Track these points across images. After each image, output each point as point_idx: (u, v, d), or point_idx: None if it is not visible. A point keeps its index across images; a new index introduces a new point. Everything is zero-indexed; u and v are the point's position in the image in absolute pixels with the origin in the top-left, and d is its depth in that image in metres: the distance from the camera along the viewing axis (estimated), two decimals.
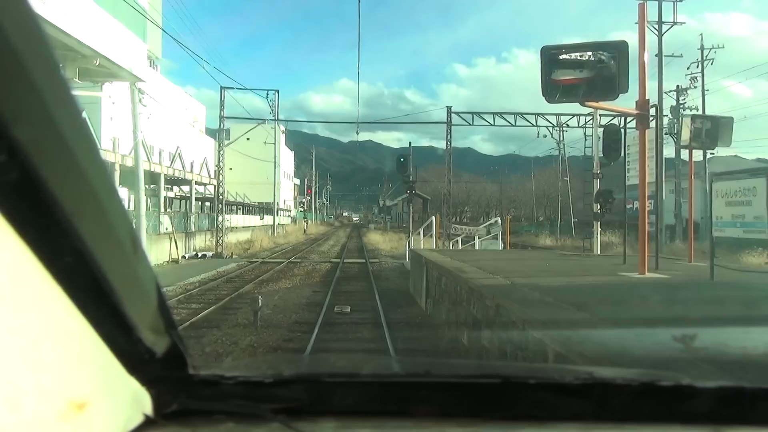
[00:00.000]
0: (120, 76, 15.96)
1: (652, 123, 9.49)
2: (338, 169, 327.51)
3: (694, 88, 30.82)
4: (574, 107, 24.87)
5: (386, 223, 73.71)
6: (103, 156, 0.74)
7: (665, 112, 27.41)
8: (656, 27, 25.78)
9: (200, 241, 26.57)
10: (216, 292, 13.57)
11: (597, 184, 15.72)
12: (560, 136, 34.93)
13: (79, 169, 0.64)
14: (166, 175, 26.74)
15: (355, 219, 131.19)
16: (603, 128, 14.12)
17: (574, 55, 6.87)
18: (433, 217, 20.89)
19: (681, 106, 30.12)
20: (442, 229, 24.31)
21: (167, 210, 27.01)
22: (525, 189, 67.51)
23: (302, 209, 77.74)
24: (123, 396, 0.81)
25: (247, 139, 34.16)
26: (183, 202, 33.98)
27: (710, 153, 23.08)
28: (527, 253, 18.98)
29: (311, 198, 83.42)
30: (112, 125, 24.18)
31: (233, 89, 25.55)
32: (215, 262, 21.44)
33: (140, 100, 17.30)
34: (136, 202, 17.79)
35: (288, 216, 67.76)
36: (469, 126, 26.88)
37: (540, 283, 7.06)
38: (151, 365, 0.85)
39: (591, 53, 6.83)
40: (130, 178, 17.97)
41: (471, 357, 6.20)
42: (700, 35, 31.49)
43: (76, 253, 0.66)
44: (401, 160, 23.07)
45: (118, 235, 0.74)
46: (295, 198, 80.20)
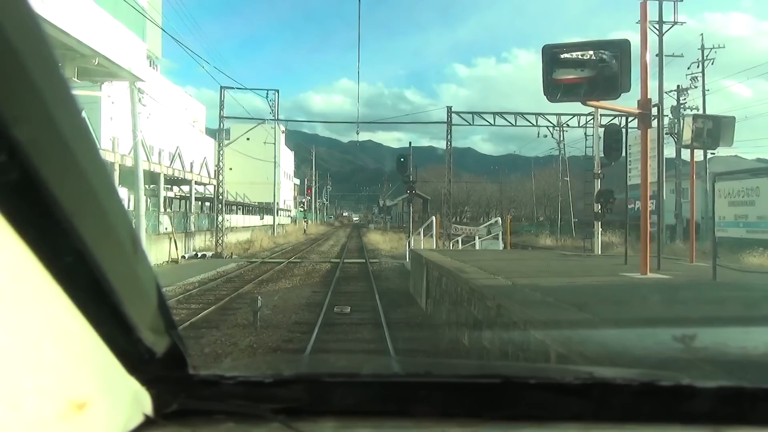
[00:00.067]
0: (119, 76, 15.97)
1: (654, 122, 9.44)
2: (338, 169, 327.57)
3: (695, 87, 30.87)
4: (574, 107, 24.87)
5: (386, 223, 73.72)
6: (102, 156, 0.74)
7: (666, 112, 27.42)
8: (657, 27, 25.77)
9: (200, 241, 26.57)
10: (215, 293, 13.55)
11: (598, 184, 15.69)
12: (560, 136, 34.99)
13: (79, 169, 0.64)
14: (165, 175, 26.74)
15: (355, 219, 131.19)
16: (604, 128, 14.08)
17: (576, 54, 6.79)
18: (433, 217, 20.87)
19: (681, 106, 30.14)
20: (442, 229, 24.31)
21: (167, 210, 27.01)
22: (525, 189, 67.51)
23: (302, 209, 77.74)
24: (123, 396, 0.81)
25: (247, 139, 34.18)
26: (183, 202, 33.97)
27: (710, 153, 23.07)
28: (527, 253, 18.98)
29: (311, 198, 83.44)
30: (112, 125, 24.21)
31: (233, 89, 25.59)
32: (215, 262, 21.43)
33: (140, 99, 17.30)
34: (135, 202, 17.80)
35: (288, 216, 67.77)
36: (469, 126, 26.91)
37: (541, 283, 7.02)
38: (151, 365, 0.85)
39: (593, 52, 6.76)
40: (129, 177, 17.97)
41: (472, 357, 6.16)
42: (701, 35, 31.55)
43: (76, 253, 0.66)
44: (401, 160, 23.08)
45: (118, 235, 0.74)
46: (295, 198, 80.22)
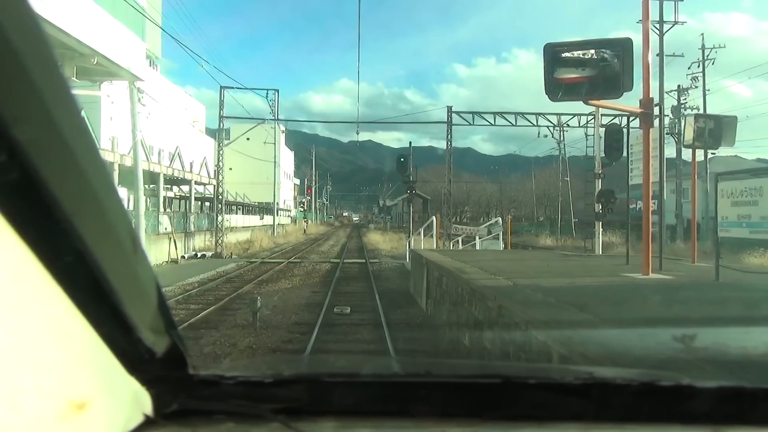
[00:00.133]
0: (119, 75, 15.92)
1: (655, 122, 9.42)
2: (338, 169, 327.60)
3: (695, 87, 30.86)
4: (574, 107, 24.89)
5: (386, 223, 73.71)
6: (102, 156, 0.73)
7: (666, 112, 27.42)
8: (657, 26, 25.75)
9: (200, 241, 26.56)
10: (215, 293, 13.55)
11: (599, 184, 15.68)
12: (561, 136, 35.02)
13: (79, 169, 0.64)
14: (165, 174, 26.73)
15: (355, 219, 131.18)
16: (605, 128, 14.06)
17: (577, 54, 6.74)
18: (433, 217, 20.87)
19: (682, 106, 30.14)
20: (442, 229, 24.30)
21: (166, 210, 27.01)
22: (525, 189, 67.50)
23: (302, 209, 77.75)
24: (123, 396, 0.81)
25: (247, 138, 34.20)
26: (182, 202, 33.97)
27: (711, 153, 23.06)
28: (528, 253, 18.98)
29: (311, 198, 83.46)
30: (111, 125, 24.21)
31: (233, 89, 25.60)
32: (214, 262, 21.43)
33: (139, 99, 17.28)
34: (135, 202, 17.79)
35: (288, 216, 67.77)
36: (469, 126, 26.92)
37: (542, 284, 7.00)
38: (151, 365, 0.85)
39: (594, 51, 6.70)
40: (129, 177, 17.95)
41: (473, 358, 6.14)
42: (701, 35, 31.53)
43: (76, 253, 0.66)
44: (401, 160, 23.08)
45: (118, 235, 0.74)
46: (295, 198, 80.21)
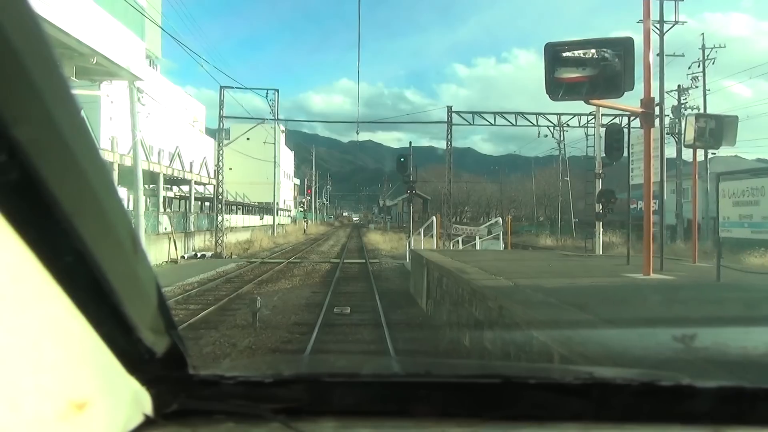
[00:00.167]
0: (118, 75, 15.88)
1: (656, 122, 9.35)
2: (338, 169, 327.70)
3: (696, 87, 30.83)
4: (574, 107, 24.90)
5: (386, 223, 73.69)
6: (102, 156, 0.73)
7: (666, 111, 27.40)
8: (658, 26, 25.73)
9: (199, 241, 26.56)
10: (215, 293, 13.55)
11: (599, 184, 15.68)
12: (561, 135, 35.02)
13: (79, 169, 0.64)
14: (165, 174, 26.73)
15: (355, 219, 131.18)
16: (605, 127, 14.04)
17: (578, 53, 6.70)
18: (433, 217, 20.86)
19: (682, 106, 30.12)
20: (442, 230, 24.30)
21: (166, 210, 27.00)
22: (525, 189, 67.49)
23: (302, 209, 77.73)
24: (123, 396, 0.81)
25: (247, 138, 34.19)
26: (182, 201, 33.97)
27: (711, 153, 23.05)
28: (528, 253, 18.99)
29: (311, 198, 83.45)
30: (111, 125, 24.20)
31: (233, 89, 25.60)
32: (214, 262, 21.43)
33: (139, 99, 17.26)
34: (134, 202, 17.77)
35: (288, 216, 67.76)
36: (469, 126, 26.92)
37: (543, 284, 6.98)
38: (151, 365, 0.85)
39: (595, 50, 6.67)
40: (128, 177, 17.93)
41: (473, 358, 6.11)
42: (702, 35, 31.52)
43: (76, 253, 0.66)
44: (401, 160, 23.09)
45: (118, 235, 0.74)
46: (295, 198, 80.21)
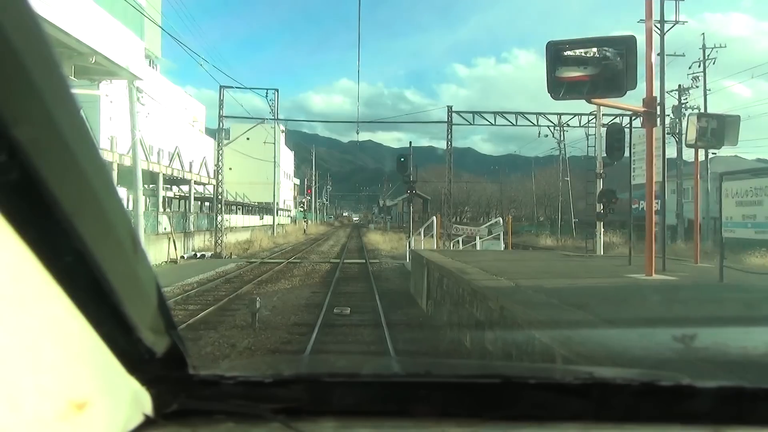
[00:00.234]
0: (117, 74, 15.85)
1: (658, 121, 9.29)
2: (338, 169, 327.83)
3: (696, 87, 30.82)
4: (575, 106, 24.91)
5: (386, 223, 73.69)
6: (102, 156, 0.73)
7: (667, 111, 27.37)
8: (658, 26, 25.72)
9: (199, 241, 26.56)
10: (214, 293, 13.52)
11: (600, 184, 15.65)
12: (561, 135, 35.02)
13: (79, 169, 0.64)
14: (165, 174, 26.73)
15: (355, 219, 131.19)
16: (606, 127, 14.03)
17: (579, 52, 6.67)
18: (434, 217, 20.86)
19: (683, 106, 30.11)
20: (442, 230, 24.29)
21: (166, 210, 26.99)
22: (525, 189, 67.50)
23: (302, 209, 77.73)
24: (123, 396, 0.81)
25: (247, 138, 34.13)
26: (182, 201, 33.97)
27: (711, 153, 23.05)
28: (529, 253, 18.99)
29: (311, 198, 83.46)
30: (111, 124, 24.18)
31: (232, 88, 25.60)
32: (214, 262, 21.42)
33: (138, 98, 17.23)
34: (134, 202, 17.75)
35: (288, 216, 67.74)
36: (469, 126, 26.92)
37: (544, 285, 6.93)
38: (151, 365, 0.85)
39: (596, 49, 6.63)
40: (128, 177, 17.89)
41: (474, 359, 6.11)
42: (702, 34, 31.52)
43: (76, 253, 0.66)
44: (401, 160, 23.09)
45: (118, 235, 0.74)
46: (295, 198, 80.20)
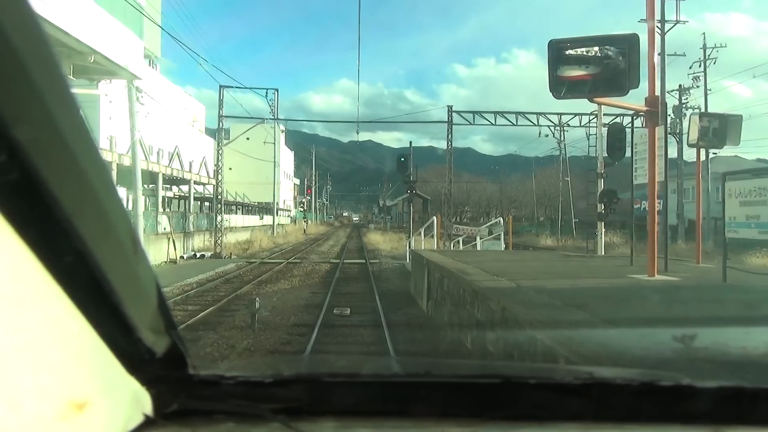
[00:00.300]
0: (117, 74, 15.81)
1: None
2: (338, 169, 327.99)
3: (697, 87, 30.82)
4: (575, 106, 24.93)
5: (386, 223, 73.71)
6: (102, 156, 0.73)
7: (668, 111, 27.35)
8: (659, 25, 25.69)
9: (199, 242, 26.54)
10: (213, 294, 13.50)
11: (601, 184, 15.62)
12: (561, 135, 35.05)
13: (79, 169, 0.64)
14: (164, 174, 26.71)
15: (355, 219, 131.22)
16: (607, 127, 14.00)
17: (580, 51, 6.63)
18: (434, 217, 20.85)
19: (684, 106, 30.12)
20: (442, 230, 24.28)
21: (165, 210, 26.98)
22: (525, 189, 67.54)
23: (302, 209, 77.74)
24: (123, 396, 0.81)
25: (247, 138, 34.14)
26: (182, 201, 33.95)
27: (712, 153, 23.01)
28: (529, 254, 18.96)
29: (311, 198, 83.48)
30: (110, 124, 24.17)
31: (232, 88, 25.59)
32: (214, 262, 21.40)
33: (138, 98, 17.21)
34: (133, 202, 17.73)
35: (288, 216, 67.74)
36: (469, 126, 26.93)
37: (546, 285, 6.87)
38: (151, 365, 0.85)
39: (598, 49, 6.59)
40: (127, 177, 17.88)
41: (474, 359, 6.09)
42: (703, 34, 31.53)
43: (76, 253, 0.66)
44: (401, 160, 23.12)
45: (118, 235, 0.74)
46: (294, 198, 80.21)
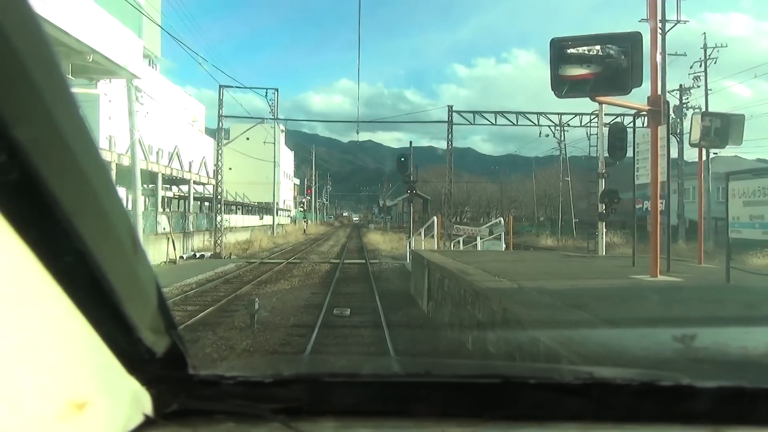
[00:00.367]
0: (116, 73, 15.77)
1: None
2: (338, 169, 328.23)
3: (698, 87, 30.82)
4: (576, 106, 24.94)
5: (386, 224, 73.71)
6: (102, 156, 0.74)
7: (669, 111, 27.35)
8: (660, 25, 25.66)
9: (199, 242, 26.53)
10: (213, 294, 13.48)
11: (602, 184, 15.61)
12: (561, 135, 35.06)
13: (79, 169, 0.64)
14: (164, 174, 26.69)
15: (355, 219, 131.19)
16: (608, 126, 13.99)
17: (582, 50, 6.59)
18: (434, 218, 20.82)
19: (684, 106, 30.12)
20: (443, 230, 24.27)
21: (165, 210, 26.97)
22: (525, 189, 67.52)
23: (302, 209, 77.74)
24: (123, 396, 0.81)
25: (247, 138, 34.14)
26: (181, 201, 33.94)
27: (713, 153, 23.01)
28: (530, 254, 18.91)
29: (311, 198, 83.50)
30: (110, 124, 24.16)
31: (232, 88, 25.59)
32: (213, 262, 21.38)
33: (137, 98, 17.18)
34: (132, 202, 17.71)
35: (288, 216, 67.72)
36: (469, 126, 26.93)
37: (548, 286, 6.80)
38: (151, 365, 0.85)
39: (599, 47, 6.56)
40: (127, 177, 17.85)
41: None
42: (704, 34, 31.55)
43: (76, 253, 0.66)
44: (402, 160, 23.12)
45: (118, 235, 0.74)
46: (294, 198, 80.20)
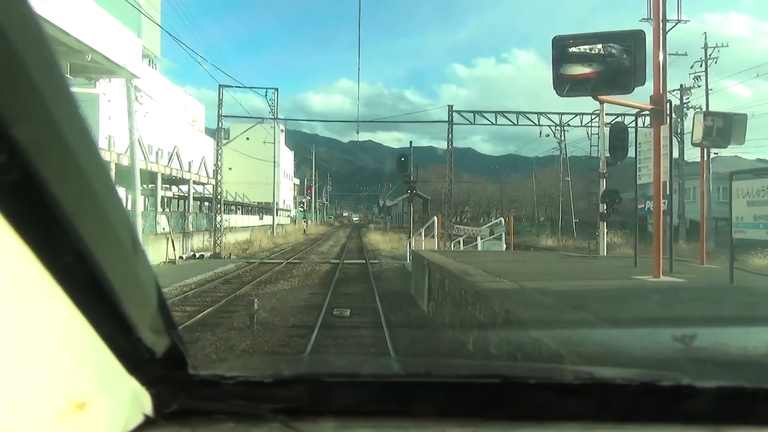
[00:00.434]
0: (115, 73, 15.75)
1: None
2: (338, 169, 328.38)
3: (698, 87, 30.82)
4: (576, 106, 25.00)
5: (386, 224, 73.69)
6: (102, 156, 0.74)
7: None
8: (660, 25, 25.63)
9: (198, 242, 26.52)
10: (213, 294, 13.45)
11: (603, 184, 15.60)
12: (562, 135, 35.06)
13: (79, 169, 0.64)
14: (163, 174, 26.69)
15: (355, 219, 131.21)
16: (610, 126, 13.97)
17: (584, 49, 6.59)
18: (435, 218, 20.81)
19: (685, 106, 30.12)
20: (443, 230, 24.26)
21: (165, 210, 26.96)
22: (525, 189, 67.54)
23: (302, 209, 77.74)
24: (123, 396, 0.81)
25: (247, 138, 34.14)
26: (181, 201, 33.93)
27: (713, 153, 23.00)
28: (531, 254, 18.88)
29: (311, 198, 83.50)
30: (110, 123, 24.15)
31: (232, 87, 25.58)
32: (213, 262, 21.36)
33: (136, 97, 17.15)
34: (132, 202, 17.69)
35: (287, 216, 67.70)
36: (469, 126, 26.93)
37: (550, 287, 6.77)
38: (151, 365, 0.85)
39: (601, 46, 6.55)
40: (126, 177, 17.82)
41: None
42: (704, 33, 31.57)
43: (76, 253, 0.66)
44: (402, 160, 23.13)
45: (118, 234, 0.74)
46: (294, 198, 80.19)
